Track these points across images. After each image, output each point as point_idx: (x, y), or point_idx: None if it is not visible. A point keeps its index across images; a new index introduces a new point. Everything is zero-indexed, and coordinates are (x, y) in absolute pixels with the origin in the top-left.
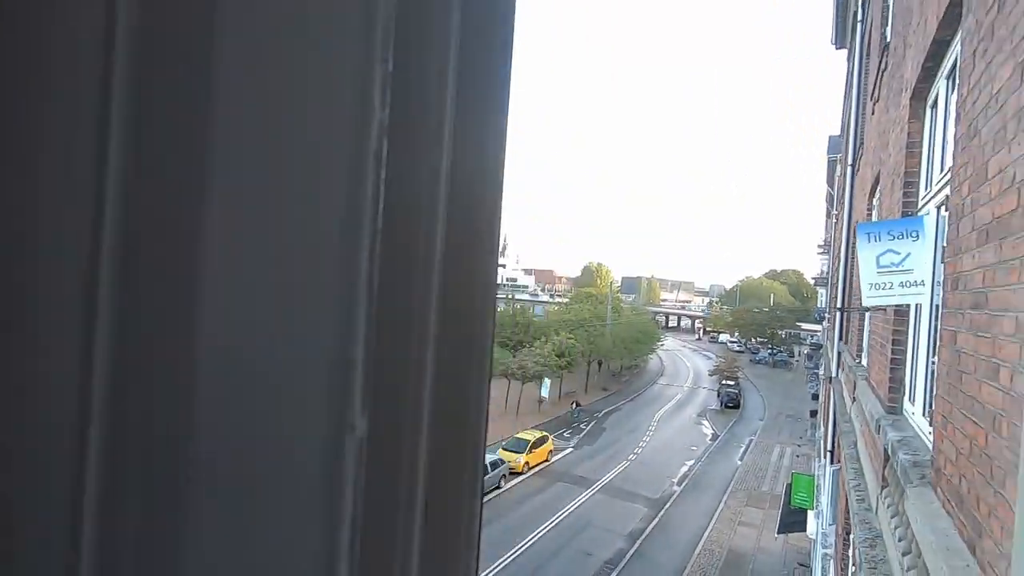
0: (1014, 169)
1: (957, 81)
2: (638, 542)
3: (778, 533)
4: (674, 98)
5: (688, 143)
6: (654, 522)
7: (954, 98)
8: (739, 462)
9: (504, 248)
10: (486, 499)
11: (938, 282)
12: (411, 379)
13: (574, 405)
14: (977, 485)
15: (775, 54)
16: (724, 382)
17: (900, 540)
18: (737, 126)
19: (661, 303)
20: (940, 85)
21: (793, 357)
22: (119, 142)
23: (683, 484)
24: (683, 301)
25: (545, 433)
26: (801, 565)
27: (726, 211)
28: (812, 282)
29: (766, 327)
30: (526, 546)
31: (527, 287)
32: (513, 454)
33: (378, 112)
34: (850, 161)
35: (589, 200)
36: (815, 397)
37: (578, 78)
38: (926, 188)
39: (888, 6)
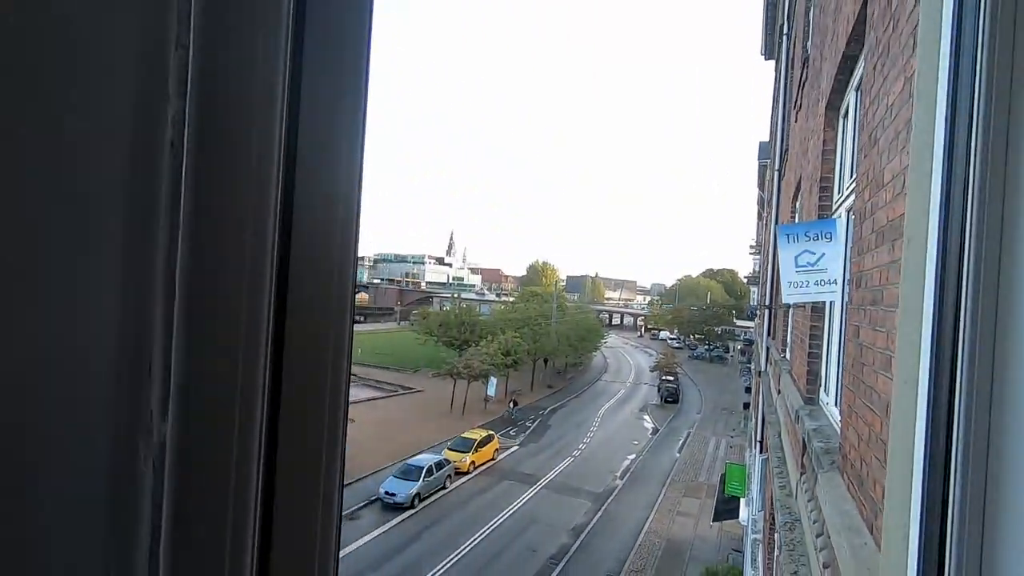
0: (904, 176)
1: (862, 93)
2: (582, 536)
3: (713, 521)
4: (614, 99)
5: (633, 147)
6: (597, 516)
7: (860, 109)
8: (678, 454)
9: (451, 248)
10: (432, 500)
11: (847, 280)
12: (240, 383)
13: (512, 405)
14: (874, 468)
15: (709, 61)
16: (664, 378)
17: (814, 523)
18: (677, 131)
19: (605, 301)
20: (850, 97)
21: (728, 352)
22: None
23: (625, 477)
24: (626, 299)
25: (491, 432)
26: (735, 551)
27: (669, 212)
28: (745, 280)
29: (703, 324)
30: (471, 545)
31: (474, 286)
32: (459, 454)
33: (174, 101)
34: (777, 166)
35: (533, 201)
36: (748, 390)
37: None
38: (838, 193)
39: (809, 21)
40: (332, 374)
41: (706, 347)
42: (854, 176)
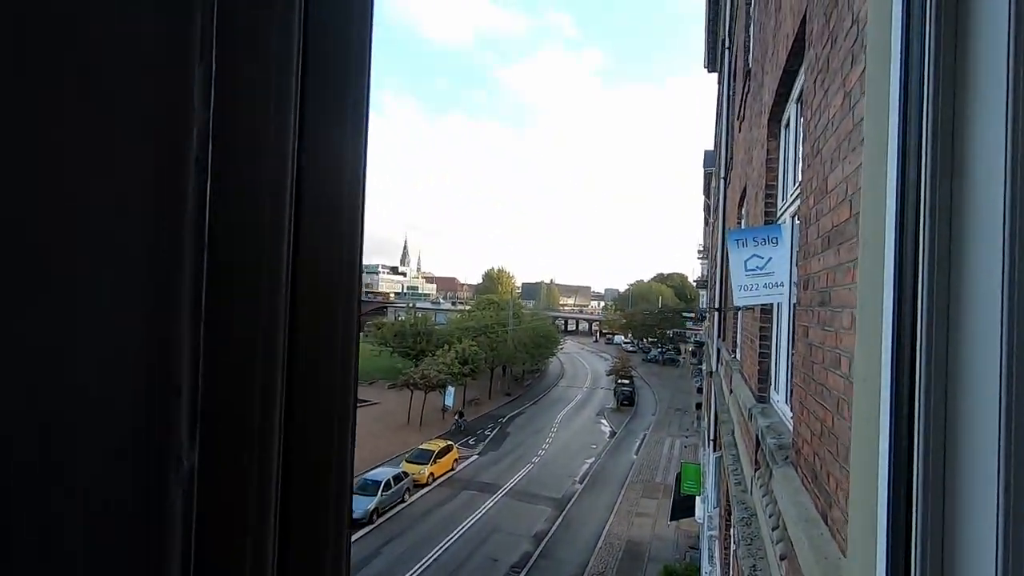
0: (846, 184)
1: (803, 105)
2: (543, 543)
3: (671, 520)
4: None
5: (590, 157)
6: (558, 522)
7: (802, 121)
8: (635, 456)
9: (404, 257)
10: (391, 514)
11: (795, 283)
12: (258, 402)
13: (458, 417)
14: (827, 462)
15: (656, 73)
16: (619, 381)
17: (770, 516)
18: (625, 140)
19: (560, 308)
20: (791, 109)
21: (680, 355)
22: None
23: (584, 482)
24: (581, 305)
25: (449, 442)
26: (692, 548)
27: (619, 218)
28: (695, 284)
29: (655, 328)
30: (433, 558)
31: (428, 295)
32: (417, 466)
33: (199, 114)
34: (722, 174)
35: (489, 208)
36: (700, 390)
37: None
38: (783, 199)
39: (750, 37)
40: (341, 390)
41: (659, 350)
42: (798, 183)
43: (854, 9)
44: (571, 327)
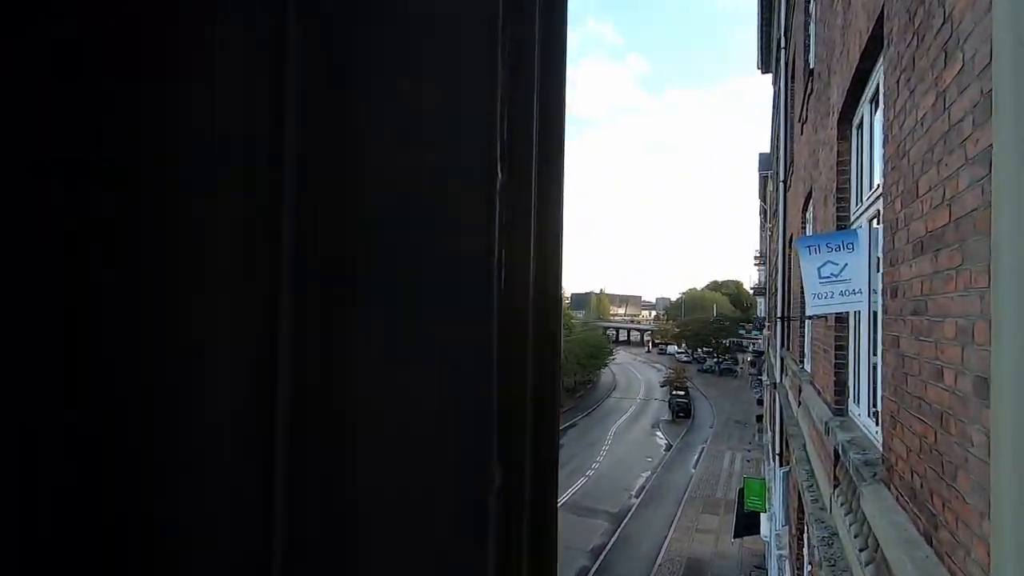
0: (943, 188)
1: (882, 106)
2: (600, 558)
3: (734, 537)
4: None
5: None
6: (615, 536)
7: (879, 121)
8: (693, 470)
9: None
10: None
11: (874, 290)
12: (528, 417)
13: None
14: (930, 480)
15: (711, 74)
16: (674, 392)
17: (856, 536)
18: (675, 145)
19: (611, 318)
20: (864, 109)
21: (738, 365)
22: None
23: (641, 496)
24: (632, 315)
25: None
26: (757, 567)
27: (670, 225)
28: (751, 291)
29: (711, 337)
30: None
31: None
32: None
33: (500, 177)
34: (781, 177)
35: None
36: (760, 402)
37: None
38: (857, 203)
39: (809, 35)
40: (551, 408)
41: (714, 360)
42: (876, 187)
43: (945, 5)
44: (622, 337)
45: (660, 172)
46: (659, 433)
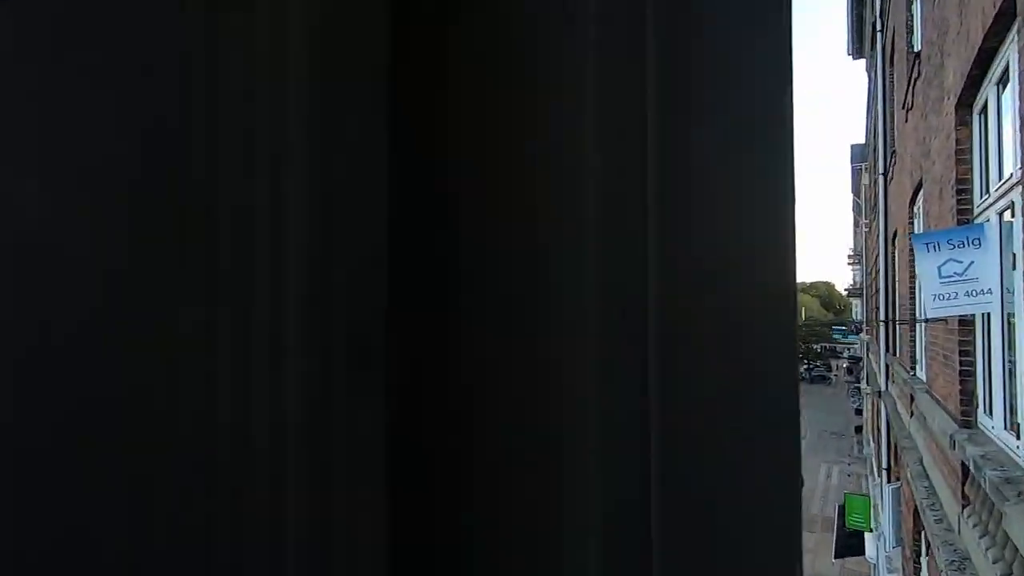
0: None
1: (1015, 87)
2: None
3: (835, 558)
4: None
5: None
6: None
7: (1008, 103)
8: None
9: None
10: None
11: (1008, 290)
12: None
13: None
14: None
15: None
16: None
17: (995, 562)
18: None
19: None
20: (989, 92)
21: (831, 371)
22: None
23: None
24: None
25: None
26: None
27: None
28: (845, 293)
29: (800, 342)
30: None
31: None
32: None
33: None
34: (881, 170)
35: None
36: (859, 412)
37: None
38: (982, 195)
39: (913, 15)
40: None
41: (805, 366)
42: (1007, 176)
43: None
44: None
45: None
46: None
